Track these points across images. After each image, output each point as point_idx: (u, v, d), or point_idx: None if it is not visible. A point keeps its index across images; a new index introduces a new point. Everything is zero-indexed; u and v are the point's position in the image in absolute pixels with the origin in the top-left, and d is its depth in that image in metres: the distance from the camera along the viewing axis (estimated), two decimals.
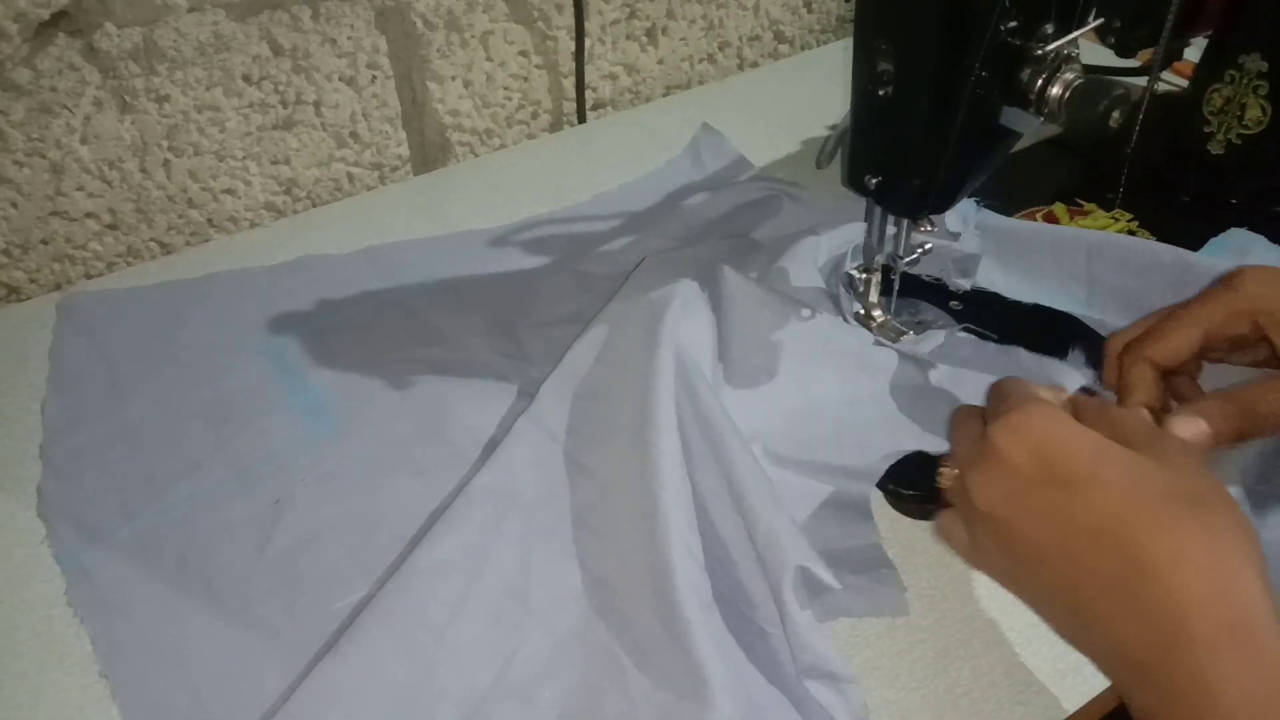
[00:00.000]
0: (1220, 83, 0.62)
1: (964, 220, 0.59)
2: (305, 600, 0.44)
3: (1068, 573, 0.34)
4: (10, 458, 0.52)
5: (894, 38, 0.41)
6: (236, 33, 0.65)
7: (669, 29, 0.86)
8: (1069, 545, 0.33)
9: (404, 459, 0.51)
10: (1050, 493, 0.34)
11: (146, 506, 0.49)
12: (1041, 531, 0.34)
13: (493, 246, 0.67)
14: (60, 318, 0.61)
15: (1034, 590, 0.36)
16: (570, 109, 0.84)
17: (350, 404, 0.54)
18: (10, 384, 0.57)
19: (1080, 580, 0.33)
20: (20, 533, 0.48)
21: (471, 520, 0.44)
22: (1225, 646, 0.30)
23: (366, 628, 0.40)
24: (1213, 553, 0.31)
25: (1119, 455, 0.34)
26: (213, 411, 0.54)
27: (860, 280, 0.54)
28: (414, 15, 0.72)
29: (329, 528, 0.47)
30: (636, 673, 0.40)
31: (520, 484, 0.46)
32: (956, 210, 0.57)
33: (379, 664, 0.39)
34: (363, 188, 0.77)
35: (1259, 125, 0.61)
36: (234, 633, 0.43)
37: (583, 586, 0.43)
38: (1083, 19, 0.41)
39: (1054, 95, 0.40)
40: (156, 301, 0.63)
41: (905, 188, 0.45)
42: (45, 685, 0.42)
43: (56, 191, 0.64)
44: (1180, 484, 0.33)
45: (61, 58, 0.60)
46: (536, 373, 0.54)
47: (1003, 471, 0.35)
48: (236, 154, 0.70)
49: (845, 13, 0.96)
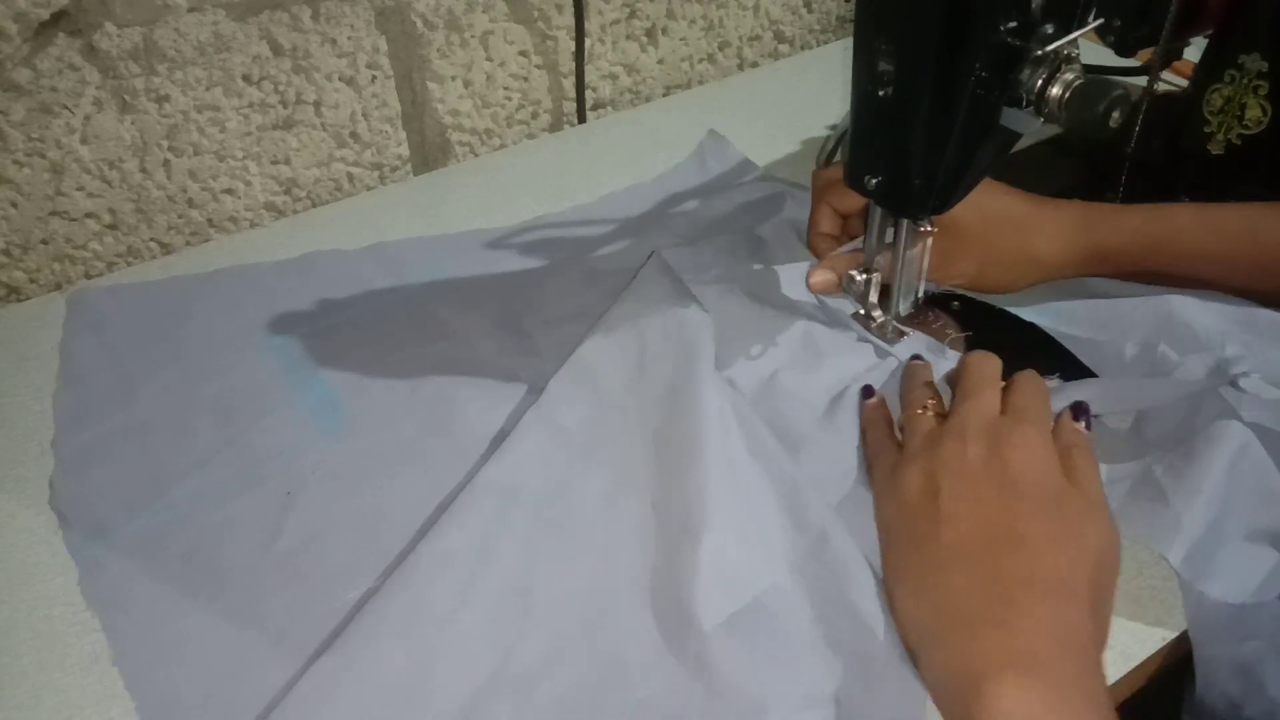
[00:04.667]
0: (1220, 83, 0.62)
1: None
2: (312, 595, 0.44)
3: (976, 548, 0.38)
4: (10, 458, 0.52)
5: (894, 38, 0.41)
6: (236, 33, 0.65)
7: (669, 29, 0.86)
8: (990, 536, 0.38)
9: (411, 455, 0.51)
10: (1008, 497, 0.39)
11: (153, 502, 0.49)
12: (982, 511, 0.39)
13: (499, 246, 0.67)
14: (69, 313, 0.61)
15: (917, 541, 0.40)
16: (570, 109, 0.84)
17: (357, 400, 0.54)
18: (10, 384, 0.57)
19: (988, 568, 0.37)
20: (20, 533, 0.48)
21: (476, 514, 0.44)
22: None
23: (368, 620, 0.40)
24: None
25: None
26: (219, 407, 0.54)
27: (860, 280, 0.54)
28: (414, 15, 0.72)
29: (335, 524, 0.47)
30: (642, 674, 0.39)
31: (526, 478, 0.46)
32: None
33: (379, 655, 0.39)
34: (363, 188, 0.77)
35: (1259, 125, 0.61)
36: (241, 626, 0.43)
37: (586, 585, 0.43)
38: (1083, 19, 0.41)
39: (1054, 95, 0.40)
40: (164, 297, 0.63)
41: (905, 188, 0.45)
42: (45, 685, 0.42)
43: (56, 191, 0.64)
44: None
45: (61, 58, 0.60)
46: (546, 368, 0.54)
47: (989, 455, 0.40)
48: (236, 154, 0.70)
49: (845, 13, 0.96)
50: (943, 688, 0.36)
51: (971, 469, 0.40)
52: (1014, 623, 0.35)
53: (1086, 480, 0.41)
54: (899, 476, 0.42)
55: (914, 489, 0.41)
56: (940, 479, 0.40)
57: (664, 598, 0.41)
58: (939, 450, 0.41)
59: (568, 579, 0.43)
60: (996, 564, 0.37)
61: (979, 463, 0.40)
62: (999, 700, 0.33)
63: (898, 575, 0.40)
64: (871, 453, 0.46)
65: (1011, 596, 0.36)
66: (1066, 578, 0.36)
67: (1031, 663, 0.34)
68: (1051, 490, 0.39)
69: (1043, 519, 0.38)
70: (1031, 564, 0.36)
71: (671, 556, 0.42)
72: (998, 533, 0.38)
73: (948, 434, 0.42)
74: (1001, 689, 0.33)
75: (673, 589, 0.41)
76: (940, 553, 0.38)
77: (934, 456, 0.41)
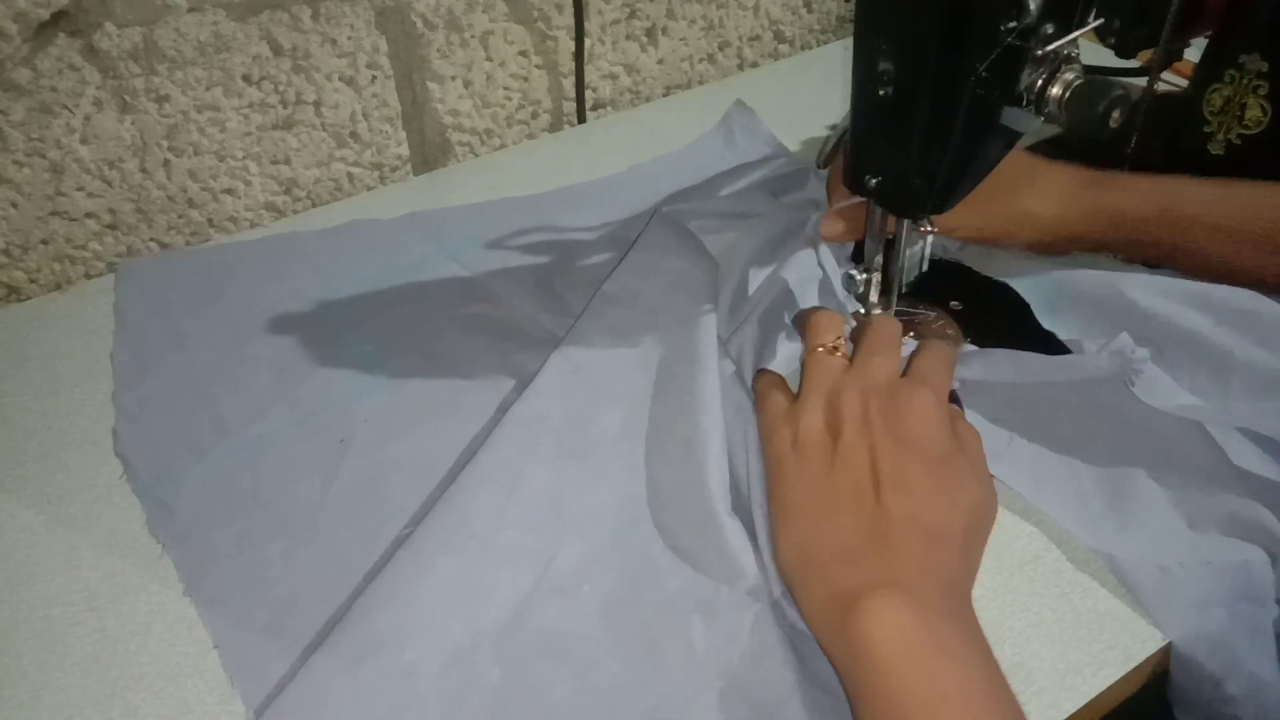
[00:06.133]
0: (1220, 83, 0.62)
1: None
2: (368, 529, 0.47)
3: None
4: (10, 458, 0.52)
5: (894, 38, 0.40)
6: (236, 33, 0.65)
7: (669, 29, 0.86)
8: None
9: (452, 405, 0.54)
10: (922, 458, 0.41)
11: (217, 446, 0.52)
12: (875, 459, 0.41)
13: (532, 212, 0.70)
14: (121, 279, 0.64)
15: (811, 478, 0.42)
16: (570, 109, 0.84)
17: (400, 356, 0.57)
18: (10, 384, 0.57)
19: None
20: (20, 533, 0.48)
21: (507, 443, 0.48)
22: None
23: (417, 539, 0.44)
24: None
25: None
26: (273, 363, 0.58)
27: (860, 280, 0.54)
28: (414, 15, 0.72)
29: (386, 467, 0.51)
30: (671, 571, 0.44)
31: (549, 410, 0.50)
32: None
33: (430, 567, 0.43)
34: (363, 188, 0.77)
35: (1259, 125, 0.61)
36: (306, 555, 0.47)
37: (613, 501, 0.47)
38: (1083, 19, 0.41)
39: (1054, 95, 0.40)
40: (211, 264, 0.66)
41: (905, 188, 0.45)
42: (45, 685, 0.42)
43: (56, 191, 0.64)
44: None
45: (61, 58, 0.60)
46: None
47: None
48: (236, 154, 0.70)
49: (845, 13, 0.97)
50: (820, 613, 0.39)
51: (871, 420, 0.42)
52: (893, 554, 0.38)
53: (971, 445, 0.44)
54: (800, 414, 0.44)
55: (814, 430, 0.43)
56: (842, 424, 0.42)
57: (681, 504, 0.46)
58: (843, 397, 0.43)
59: (595, 496, 0.47)
60: (883, 506, 0.39)
61: (879, 415, 0.42)
62: (875, 616, 0.36)
63: (786, 508, 0.42)
64: (763, 387, 0.48)
65: (892, 534, 0.39)
66: (944, 523, 0.40)
67: (907, 585, 0.37)
68: (941, 449, 0.42)
69: (929, 473, 0.41)
70: (915, 508, 0.39)
71: (681, 471, 0.46)
72: (887, 480, 0.40)
73: (852, 384, 0.44)
74: (877, 604, 0.36)
75: (688, 495, 0.46)
76: (833, 491, 0.41)
77: (838, 402, 0.43)
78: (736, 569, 0.43)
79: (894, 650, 0.35)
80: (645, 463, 0.49)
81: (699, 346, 0.50)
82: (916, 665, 0.35)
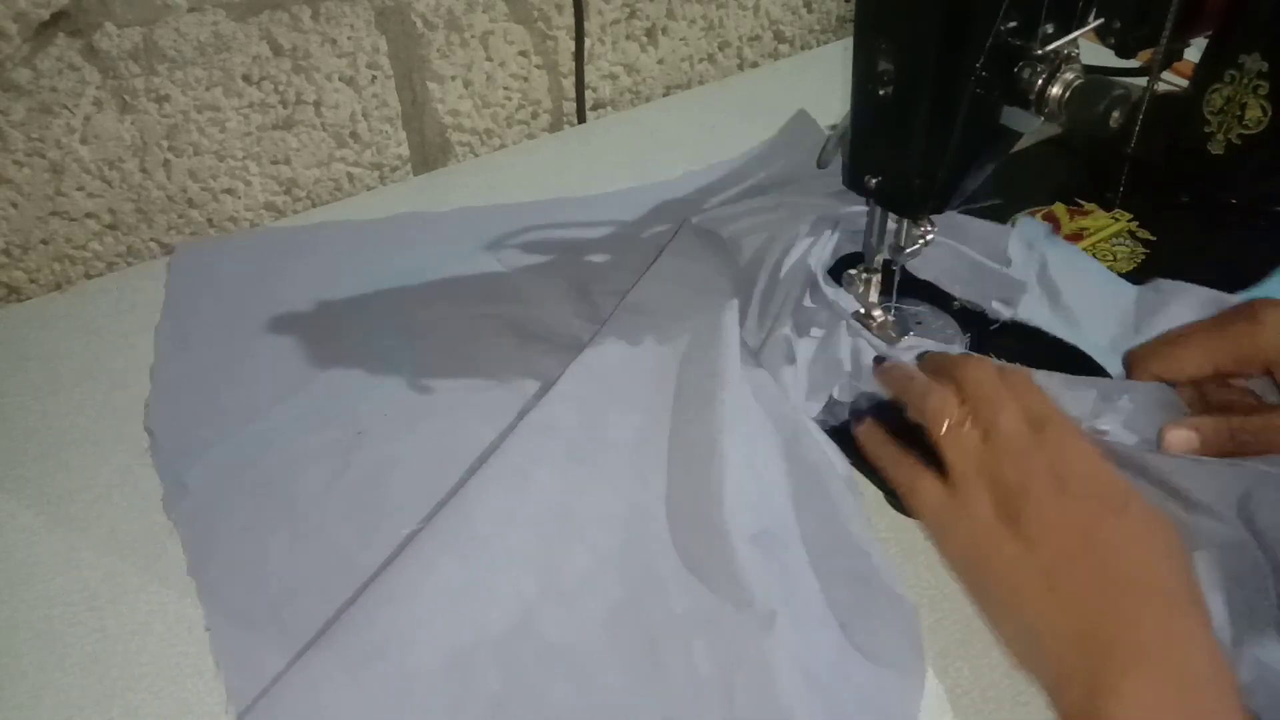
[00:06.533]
0: (1220, 83, 0.62)
1: (1028, 246, 0.57)
2: (374, 525, 0.47)
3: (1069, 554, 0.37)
4: (10, 458, 0.52)
5: (894, 38, 0.41)
6: (236, 33, 0.65)
7: (669, 29, 0.86)
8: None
9: (474, 405, 0.54)
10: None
11: (237, 431, 0.53)
12: (1067, 523, 0.37)
13: (576, 214, 0.70)
14: (176, 259, 0.66)
15: (1009, 566, 0.38)
16: (570, 109, 0.84)
17: (431, 353, 0.58)
18: (10, 384, 0.57)
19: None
20: (20, 533, 0.48)
21: (517, 448, 0.48)
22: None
23: (422, 541, 0.44)
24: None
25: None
26: (304, 348, 0.58)
27: (860, 280, 0.54)
28: (414, 15, 0.72)
29: (401, 462, 0.51)
30: (679, 589, 0.43)
31: (563, 416, 0.50)
32: (1020, 235, 0.57)
33: (433, 571, 0.43)
34: (363, 188, 0.77)
35: (1259, 125, 0.61)
36: (309, 549, 0.46)
37: (623, 511, 0.46)
38: (1083, 19, 0.41)
39: (1054, 95, 0.40)
40: (263, 248, 0.68)
41: (905, 188, 0.45)
42: (45, 685, 0.42)
43: (56, 191, 0.64)
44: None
45: (61, 58, 0.60)
46: None
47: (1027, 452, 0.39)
48: (236, 154, 0.70)
49: (845, 13, 0.96)
50: (1068, 705, 0.35)
51: (1042, 484, 0.38)
52: (1131, 627, 0.35)
53: (1117, 471, 0.40)
54: (964, 505, 0.40)
55: (987, 515, 0.39)
56: (1016, 500, 0.38)
57: (692, 521, 0.45)
58: (1002, 470, 0.39)
59: (604, 503, 0.47)
60: (1097, 572, 0.36)
61: (1046, 475, 0.39)
62: (1130, 698, 0.33)
63: (994, 602, 0.39)
64: (898, 481, 0.44)
65: (1123, 604, 0.35)
66: (1162, 572, 0.36)
67: (1156, 659, 0.34)
68: (1114, 486, 0.39)
69: (1120, 517, 0.37)
70: (1129, 566, 0.36)
71: (696, 486, 0.46)
72: (1089, 541, 0.37)
73: (1000, 450, 0.40)
74: (1129, 684, 0.33)
75: (700, 513, 0.45)
76: (1037, 574, 0.37)
77: (998, 477, 0.39)
78: (745, 593, 0.41)
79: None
80: (659, 475, 0.48)
81: (722, 359, 0.49)
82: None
